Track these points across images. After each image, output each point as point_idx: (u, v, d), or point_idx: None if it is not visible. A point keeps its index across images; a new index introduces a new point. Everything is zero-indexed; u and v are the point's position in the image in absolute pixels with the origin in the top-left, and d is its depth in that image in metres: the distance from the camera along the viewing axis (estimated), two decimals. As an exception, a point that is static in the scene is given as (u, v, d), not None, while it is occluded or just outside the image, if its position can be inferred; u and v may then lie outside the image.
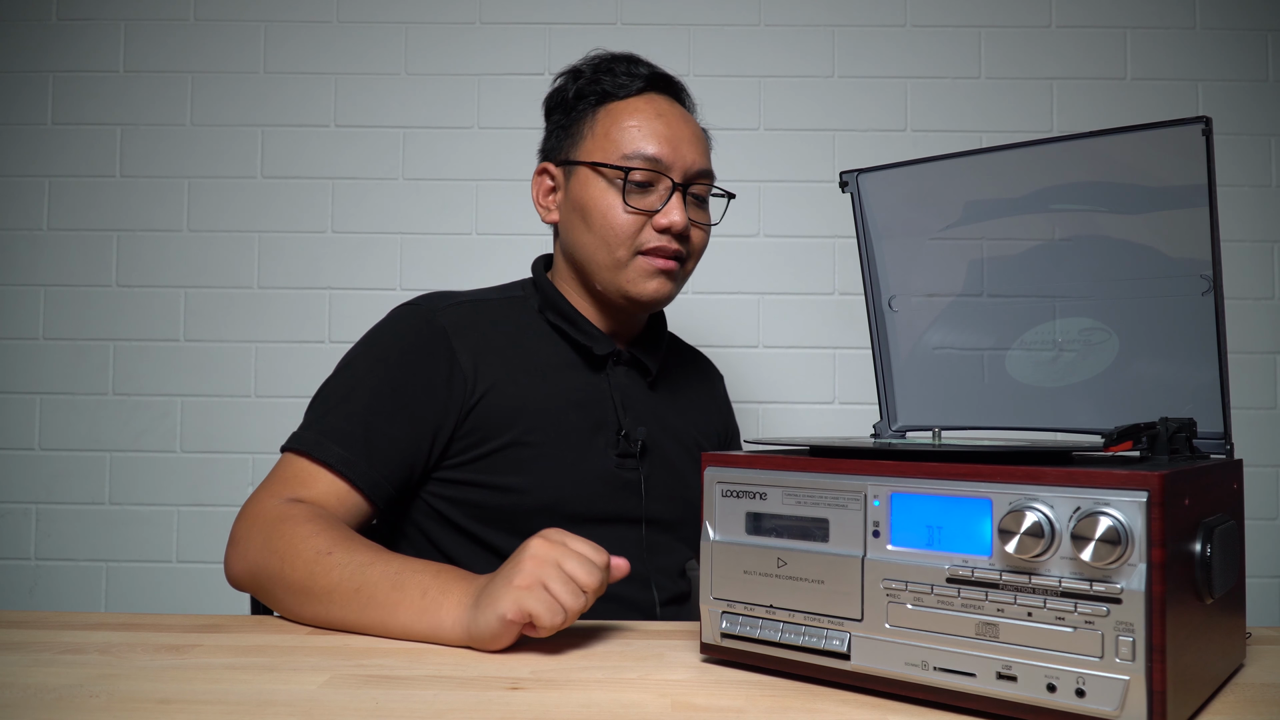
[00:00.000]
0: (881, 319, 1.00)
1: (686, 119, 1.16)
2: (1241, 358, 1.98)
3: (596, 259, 1.13)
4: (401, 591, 0.83)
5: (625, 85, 1.15)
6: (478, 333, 1.11)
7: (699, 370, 1.36)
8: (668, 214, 1.10)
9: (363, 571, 0.85)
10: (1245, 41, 2.03)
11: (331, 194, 2.06)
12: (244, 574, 0.94)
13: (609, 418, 1.13)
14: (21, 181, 2.06)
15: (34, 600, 2.01)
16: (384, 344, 1.09)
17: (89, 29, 2.07)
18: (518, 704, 0.66)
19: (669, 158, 1.11)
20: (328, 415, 1.04)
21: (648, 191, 1.11)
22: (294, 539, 0.90)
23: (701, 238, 1.17)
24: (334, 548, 0.88)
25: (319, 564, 0.87)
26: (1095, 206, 0.88)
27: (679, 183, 1.11)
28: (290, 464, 1.01)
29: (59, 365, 2.05)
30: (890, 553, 0.67)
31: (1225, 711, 0.65)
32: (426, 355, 1.07)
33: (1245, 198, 2.01)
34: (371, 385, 1.05)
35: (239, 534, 0.96)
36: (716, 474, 0.77)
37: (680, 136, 1.12)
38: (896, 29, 2.07)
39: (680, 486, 1.19)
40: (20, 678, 0.71)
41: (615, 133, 1.12)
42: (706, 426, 1.30)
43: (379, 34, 2.06)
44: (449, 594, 0.82)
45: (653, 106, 1.14)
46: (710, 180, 1.17)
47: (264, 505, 0.96)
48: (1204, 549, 0.63)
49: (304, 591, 0.87)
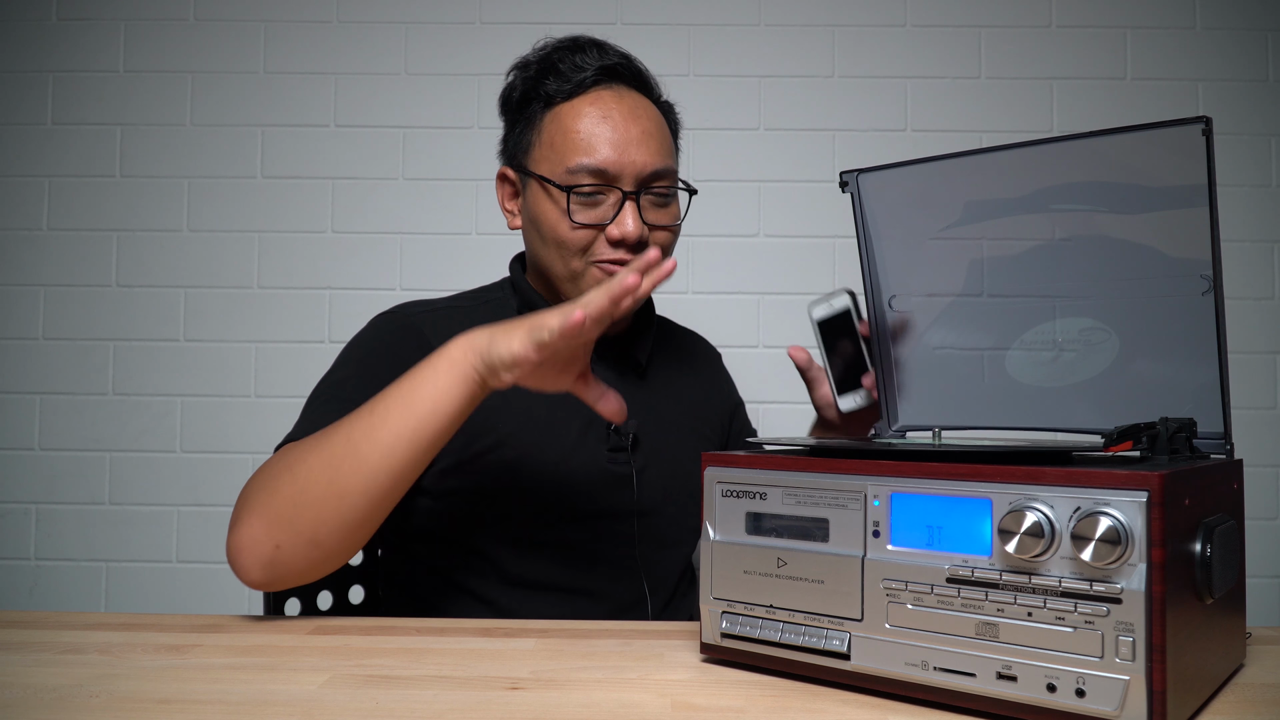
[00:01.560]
0: (881, 319, 1.00)
1: (638, 114, 1.08)
2: (1241, 358, 1.99)
3: (554, 270, 1.09)
4: (406, 379, 0.86)
5: (570, 84, 1.08)
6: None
7: (694, 352, 1.32)
8: (620, 225, 1.05)
9: (371, 402, 0.87)
10: (1245, 41, 2.04)
11: (331, 194, 2.06)
12: (263, 527, 0.88)
13: (601, 419, 1.11)
14: (22, 181, 2.06)
15: (34, 600, 2.02)
16: (366, 347, 1.09)
17: (89, 29, 2.08)
18: (518, 704, 0.66)
19: (616, 165, 1.04)
20: (318, 413, 1.02)
21: (598, 202, 1.06)
22: (285, 461, 0.90)
23: (665, 238, 1.10)
24: (316, 435, 0.90)
25: (326, 435, 0.87)
26: (1095, 206, 0.88)
27: (630, 190, 1.05)
28: (284, 455, 0.99)
29: (59, 365, 2.05)
30: (890, 553, 0.67)
31: (1225, 711, 0.65)
32: (409, 357, 1.05)
33: (1245, 198, 2.01)
34: (358, 385, 1.04)
35: (233, 520, 0.91)
36: (716, 474, 0.77)
37: (628, 139, 1.05)
38: (896, 29, 2.07)
39: (679, 477, 1.17)
40: (20, 678, 0.71)
41: (559, 142, 1.06)
42: (707, 410, 1.27)
43: (379, 34, 2.06)
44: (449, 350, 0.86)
45: (598, 107, 1.07)
46: (668, 179, 1.09)
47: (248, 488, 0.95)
48: (1204, 549, 0.63)
49: (322, 463, 0.86)
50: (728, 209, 2.06)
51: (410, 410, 0.85)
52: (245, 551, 0.88)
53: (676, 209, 1.12)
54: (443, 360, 0.87)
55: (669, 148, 1.11)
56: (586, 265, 1.07)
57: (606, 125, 1.05)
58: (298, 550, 0.87)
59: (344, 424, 0.88)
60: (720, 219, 2.06)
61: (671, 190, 1.10)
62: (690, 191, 1.14)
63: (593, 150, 1.04)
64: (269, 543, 0.88)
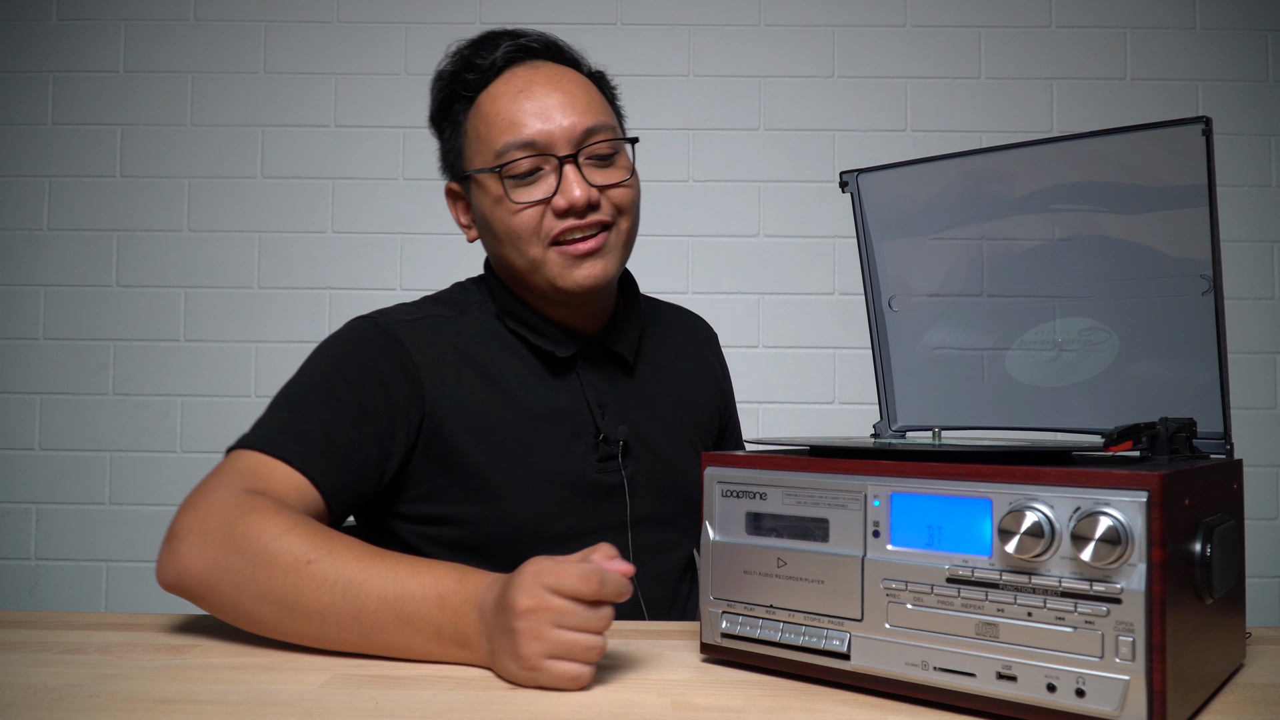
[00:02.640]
0: (881, 319, 0.99)
1: (557, 80, 1.03)
2: (1241, 358, 1.98)
3: (516, 265, 1.03)
4: (410, 629, 0.74)
5: (483, 75, 1.03)
6: (436, 352, 1.02)
7: (687, 335, 1.25)
8: (564, 193, 0.99)
9: (357, 593, 0.75)
10: (1245, 41, 2.04)
11: (331, 194, 2.06)
12: (198, 572, 0.79)
13: (586, 422, 1.06)
14: (22, 181, 2.06)
15: (34, 600, 2.02)
16: (339, 352, 1.02)
17: (89, 29, 2.07)
18: (518, 704, 0.66)
19: (543, 134, 0.99)
20: (281, 416, 0.96)
21: (536, 179, 1.00)
22: (262, 536, 0.78)
23: (623, 195, 1.03)
24: (314, 553, 0.77)
25: (301, 576, 0.76)
26: (1095, 206, 0.88)
27: (565, 155, 0.99)
28: (241, 459, 0.90)
29: (59, 365, 2.05)
30: (890, 553, 0.67)
31: (1225, 711, 0.65)
32: (384, 366, 1.00)
33: (1245, 198, 2.01)
34: (327, 390, 0.98)
35: (187, 525, 0.82)
36: (716, 474, 0.77)
37: (550, 104, 1.00)
38: (896, 29, 2.07)
39: (673, 476, 1.11)
40: (20, 678, 0.71)
41: (483, 130, 1.02)
42: (702, 399, 1.21)
43: (379, 34, 2.06)
44: (463, 633, 0.74)
45: (512, 85, 1.02)
46: (607, 134, 1.02)
47: (218, 495, 0.84)
48: (1204, 549, 0.63)
49: (286, 605, 0.77)
50: (728, 209, 2.06)
51: (397, 651, 0.76)
52: (178, 578, 0.82)
53: (627, 163, 1.05)
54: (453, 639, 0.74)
55: (600, 105, 1.04)
56: (545, 251, 1.01)
57: (524, 97, 1.00)
58: (239, 613, 0.80)
59: (321, 585, 0.76)
60: (720, 219, 2.06)
61: (613, 145, 1.03)
62: (630, 141, 1.06)
63: (516, 126, 0.99)
64: (205, 587, 0.80)
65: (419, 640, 0.75)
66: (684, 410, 1.17)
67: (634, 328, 1.13)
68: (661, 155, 2.03)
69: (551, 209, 1.00)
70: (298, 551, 0.77)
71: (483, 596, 0.74)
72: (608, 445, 1.06)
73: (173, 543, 0.82)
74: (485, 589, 0.74)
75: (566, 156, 1.00)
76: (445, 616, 0.74)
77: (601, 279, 1.02)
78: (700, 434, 1.18)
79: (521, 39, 1.05)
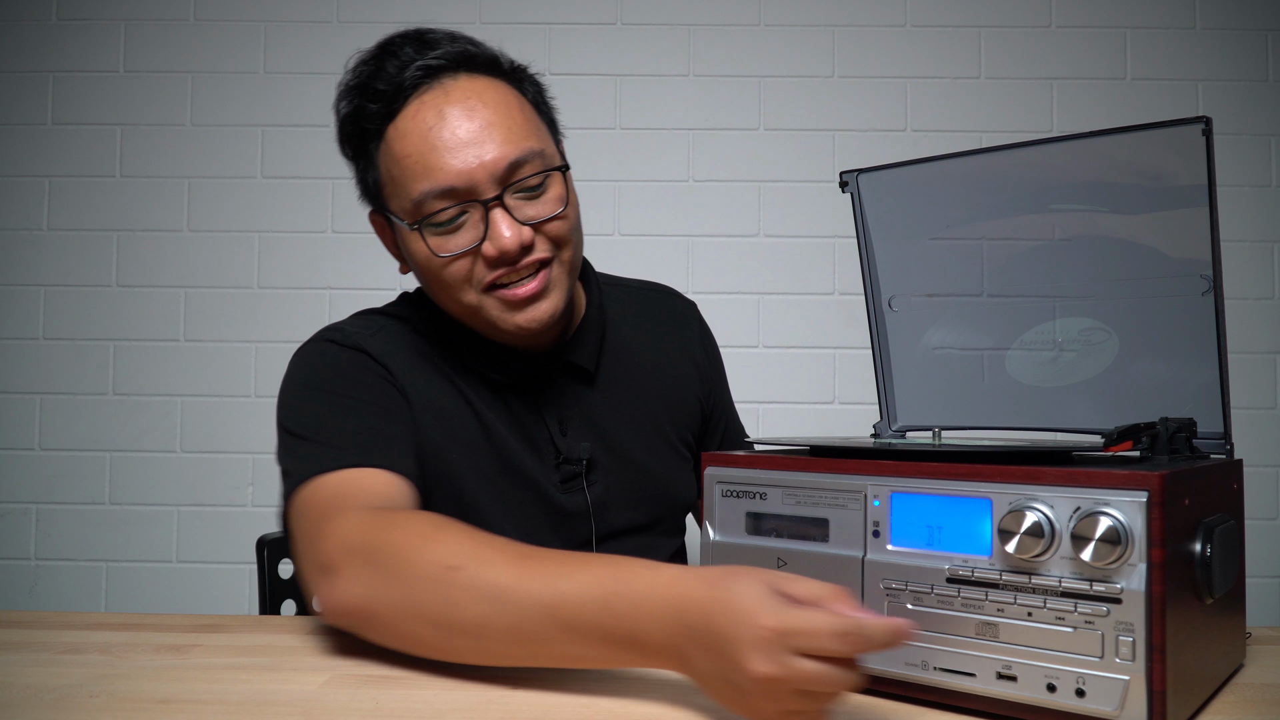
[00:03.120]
0: (881, 319, 1.00)
1: (471, 104, 0.90)
2: (1241, 358, 1.98)
3: (453, 310, 0.96)
4: (576, 637, 0.64)
5: (388, 104, 0.93)
6: (403, 359, 0.97)
7: (659, 320, 1.16)
8: (493, 240, 0.89)
9: (512, 600, 0.66)
10: (1245, 41, 2.04)
11: (331, 194, 2.06)
12: (358, 601, 0.72)
13: (545, 440, 1.00)
14: (21, 181, 2.06)
15: (34, 600, 2.02)
16: (319, 378, 0.95)
17: (89, 29, 2.07)
18: (518, 704, 0.66)
19: (463, 177, 0.88)
20: (319, 440, 0.88)
21: (461, 224, 0.90)
22: (406, 549, 0.71)
23: (559, 228, 0.93)
24: (459, 558, 0.69)
25: (450, 586, 0.68)
26: (1095, 206, 0.88)
27: (490, 198, 0.89)
28: (321, 487, 0.82)
29: (59, 365, 2.05)
30: (890, 553, 0.67)
31: (1225, 711, 0.65)
32: (366, 377, 0.95)
33: (1245, 198, 2.01)
34: (340, 407, 0.91)
35: (331, 556, 0.75)
36: (716, 474, 0.77)
37: (467, 138, 0.89)
38: (896, 29, 2.07)
39: (649, 482, 1.07)
40: (20, 678, 0.71)
41: (398, 175, 0.91)
42: (677, 392, 1.13)
43: (379, 34, 2.06)
44: (639, 639, 0.62)
45: (422, 119, 0.90)
46: (535, 164, 0.91)
47: (343, 521, 0.76)
48: (1204, 549, 0.63)
49: (441, 623, 0.68)
50: (728, 209, 2.06)
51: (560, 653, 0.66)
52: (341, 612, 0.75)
53: (561, 189, 0.94)
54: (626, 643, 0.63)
55: (524, 127, 0.92)
56: (480, 296, 0.93)
57: (438, 134, 0.89)
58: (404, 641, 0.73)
59: (473, 595, 0.67)
60: (720, 219, 2.06)
61: (542, 176, 0.92)
62: (559, 169, 0.95)
63: (431, 171, 0.89)
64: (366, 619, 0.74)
65: (589, 649, 0.64)
66: (657, 408, 1.10)
67: (593, 334, 1.05)
68: (661, 155, 2.03)
69: (482, 257, 0.91)
70: (442, 558, 0.69)
71: (669, 604, 0.61)
72: (569, 465, 1.00)
73: (328, 577, 0.75)
74: (668, 595, 0.61)
75: (491, 199, 0.89)
76: (613, 621, 0.63)
77: (548, 319, 0.94)
78: (678, 429, 1.12)
79: (428, 53, 0.94)
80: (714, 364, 1.22)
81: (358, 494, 0.81)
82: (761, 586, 0.58)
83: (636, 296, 1.17)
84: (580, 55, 2.06)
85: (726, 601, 0.58)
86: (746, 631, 0.56)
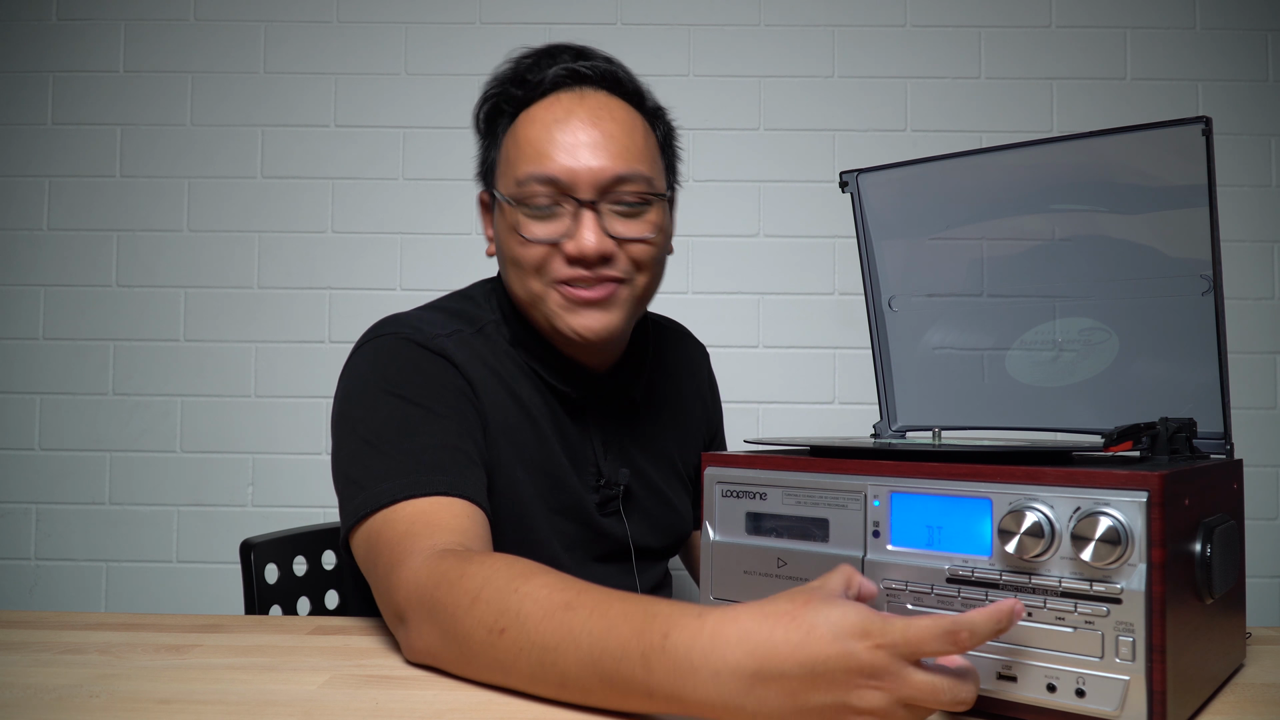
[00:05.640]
0: (881, 319, 1.00)
1: (599, 115, 0.95)
2: (1241, 358, 1.98)
3: (518, 295, 0.99)
4: (617, 691, 0.63)
5: (528, 92, 0.98)
6: (475, 367, 0.98)
7: (682, 361, 1.22)
8: (575, 239, 0.93)
9: (555, 661, 0.65)
10: (1245, 41, 2.03)
11: (331, 194, 2.06)
12: (428, 656, 0.75)
13: (589, 462, 1.03)
14: (21, 181, 2.06)
15: (34, 600, 2.01)
16: (395, 379, 0.93)
17: (89, 29, 2.07)
18: (518, 704, 0.66)
19: (567, 172, 0.93)
20: (393, 457, 0.87)
21: (554, 215, 0.94)
22: (456, 614, 0.71)
23: (644, 251, 0.97)
24: (503, 620, 0.68)
25: (498, 649, 0.68)
26: (1095, 206, 0.88)
27: (586, 199, 0.93)
28: (398, 516, 0.83)
29: (59, 365, 2.05)
30: (890, 553, 0.67)
31: (1225, 711, 0.65)
32: (447, 384, 0.94)
33: (1245, 198, 2.01)
34: (411, 420, 0.91)
35: (400, 610, 0.77)
36: (716, 474, 0.77)
37: (585, 142, 0.93)
38: (896, 29, 2.07)
39: (667, 513, 1.12)
40: (20, 678, 0.71)
41: (513, 154, 0.96)
42: (692, 429, 1.20)
43: (379, 34, 2.06)
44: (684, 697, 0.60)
45: (552, 112, 0.95)
46: (640, 185, 0.95)
47: (410, 568, 0.77)
48: (1204, 549, 0.63)
49: (498, 675, 0.69)
50: (728, 209, 2.06)
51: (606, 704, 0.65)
52: (415, 660, 0.77)
53: (657, 219, 0.98)
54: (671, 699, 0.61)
55: (640, 151, 0.96)
56: (546, 287, 0.96)
57: (560, 129, 0.94)
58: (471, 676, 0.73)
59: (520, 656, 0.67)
60: (720, 219, 2.06)
61: (643, 197, 0.96)
62: (662, 197, 0.99)
63: (543, 158, 0.93)
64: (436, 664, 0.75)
65: (632, 702, 0.63)
66: (673, 444, 1.15)
67: (644, 369, 1.10)
68: (661, 155, 2.04)
69: (561, 252, 0.95)
70: (488, 622, 0.69)
71: (717, 657, 0.58)
72: (608, 489, 1.03)
73: (402, 626, 0.77)
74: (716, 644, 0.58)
75: (586, 201, 0.93)
76: (655, 678, 0.61)
77: (602, 332, 0.97)
78: (686, 466, 1.18)
79: (580, 61, 0.98)
80: (717, 406, 1.29)
81: (431, 532, 0.81)
82: (849, 604, 0.56)
83: (664, 334, 1.21)
84: (580, 55, 2.06)
85: (820, 629, 0.55)
86: (862, 652, 0.54)
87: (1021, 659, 0.61)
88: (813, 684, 0.55)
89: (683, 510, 1.16)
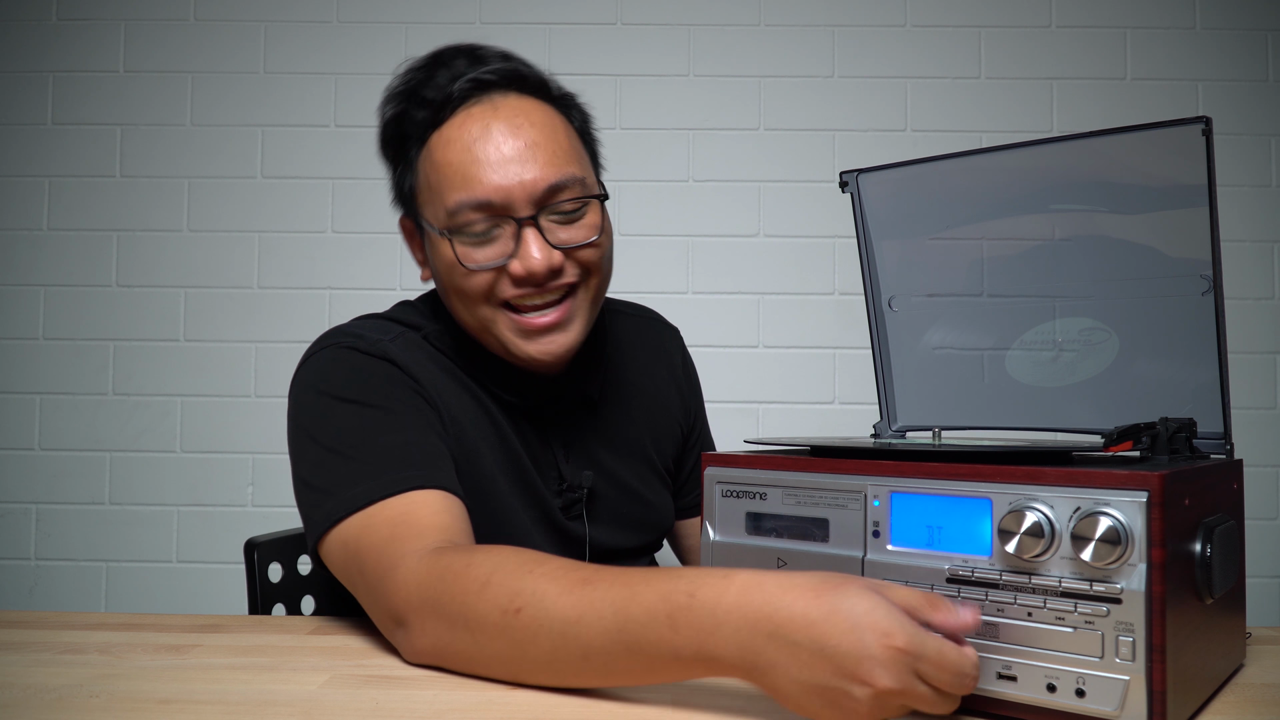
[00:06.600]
0: (881, 319, 1.00)
1: (518, 123, 0.91)
2: (1241, 358, 1.98)
3: (467, 323, 0.96)
4: (644, 658, 0.63)
5: (435, 113, 0.92)
6: (423, 367, 0.95)
7: (647, 346, 1.17)
8: (522, 259, 0.89)
9: (578, 634, 0.65)
10: (1245, 41, 2.04)
11: (331, 194, 2.06)
12: (431, 654, 0.74)
13: (550, 466, 1.01)
14: (21, 181, 2.06)
15: (34, 600, 2.02)
16: (347, 391, 0.91)
17: (89, 29, 2.07)
18: (518, 704, 0.66)
19: (500, 192, 0.88)
20: (362, 459, 0.85)
21: (493, 238, 0.90)
22: (466, 601, 0.70)
23: (591, 255, 0.94)
24: (518, 599, 0.68)
25: (515, 629, 0.67)
26: (1095, 206, 0.88)
27: (525, 216, 0.89)
28: (378, 516, 0.80)
29: (59, 365, 2.05)
30: (890, 553, 0.67)
31: (1225, 711, 0.65)
32: (395, 390, 0.92)
33: (1245, 198, 2.01)
34: (373, 421, 0.88)
35: (399, 611, 0.75)
36: (716, 474, 0.77)
37: (511, 156, 0.89)
38: (896, 29, 2.07)
39: (636, 507, 1.08)
40: (20, 678, 0.71)
41: (436, 181, 0.91)
42: (662, 416, 1.15)
43: (379, 34, 2.06)
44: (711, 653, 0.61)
45: (467, 131, 0.90)
46: (575, 190, 0.92)
47: (405, 568, 0.75)
48: (1204, 549, 0.63)
49: (514, 663, 0.69)
50: (728, 209, 2.06)
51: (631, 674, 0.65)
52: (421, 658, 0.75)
53: (597, 218, 0.94)
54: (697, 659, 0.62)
55: (566, 152, 0.93)
56: (495, 310, 0.93)
57: (481, 147, 0.89)
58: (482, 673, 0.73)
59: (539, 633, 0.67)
60: (720, 219, 2.06)
61: (581, 201, 0.93)
62: (597, 198, 0.95)
63: (470, 182, 0.89)
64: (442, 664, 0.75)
65: (658, 667, 0.63)
66: (645, 434, 1.11)
67: (599, 363, 1.06)
68: (661, 155, 2.03)
69: (508, 274, 0.91)
70: (502, 603, 0.68)
71: (744, 616, 0.60)
72: (571, 493, 1.01)
73: (401, 629, 0.76)
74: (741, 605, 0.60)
75: (526, 218, 0.90)
76: (682, 638, 0.61)
77: (563, 353, 0.95)
78: (662, 456, 1.14)
79: (480, 67, 0.93)
80: (694, 389, 1.24)
81: (416, 530, 0.79)
82: (881, 600, 0.57)
83: (628, 323, 1.17)
84: (580, 55, 2.06)
85: (841, 614, 0.57)
86: (876, 649, 0.55)
87: (1021, 659, 0.61)
88: (820, 663, 0.57)
89: (659, 504, 1.12)
